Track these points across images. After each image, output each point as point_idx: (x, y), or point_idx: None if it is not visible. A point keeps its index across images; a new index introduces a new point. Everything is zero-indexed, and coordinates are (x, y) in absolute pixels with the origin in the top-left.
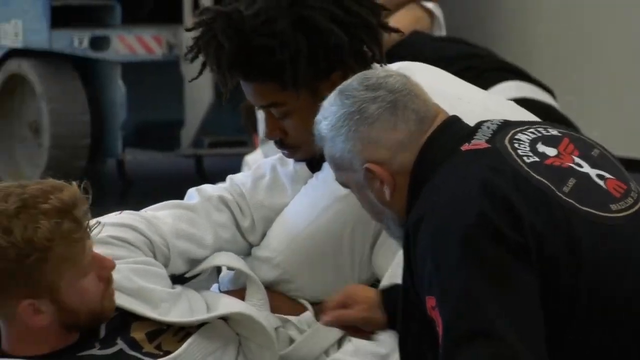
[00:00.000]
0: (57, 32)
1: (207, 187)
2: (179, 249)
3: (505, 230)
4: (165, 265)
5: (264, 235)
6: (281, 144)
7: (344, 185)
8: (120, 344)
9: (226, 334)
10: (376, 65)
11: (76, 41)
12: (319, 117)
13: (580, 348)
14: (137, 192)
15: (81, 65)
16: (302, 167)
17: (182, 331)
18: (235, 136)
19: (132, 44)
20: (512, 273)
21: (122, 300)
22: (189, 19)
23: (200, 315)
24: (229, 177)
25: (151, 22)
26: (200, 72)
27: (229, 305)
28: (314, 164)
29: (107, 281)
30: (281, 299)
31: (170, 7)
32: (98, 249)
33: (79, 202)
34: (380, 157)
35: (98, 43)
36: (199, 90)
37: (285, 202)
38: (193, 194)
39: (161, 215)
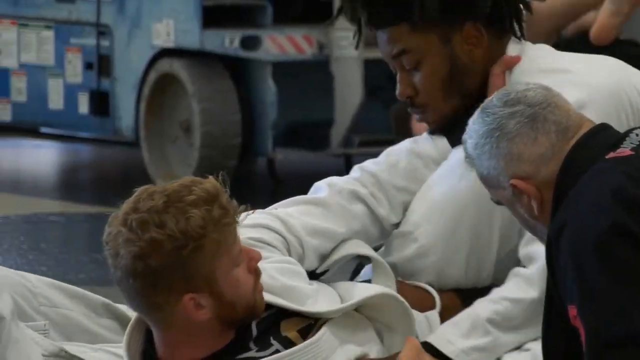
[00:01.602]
0: (208, 32)
1: (337, 180)
2: (313, 246)
3: None
4: (300, 263)
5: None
6: (412, 104)
7: (498, 202)
8: (276, 345)
9: (362, 322)
10: (515, 41)
11: (227, 41)
12: (464, 136)
13: None
14: (287, 191)
15: (232, 64)
16: (444, 143)
17: None
18: (385, 135)
19: (283, 43)
20: None
21: (269, 298)
22: (340, 18)
23: (345, 303)
24: (358, 166)
25: (302, 21)
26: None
27: (365, 290)
28: (449, 130)
29: (256, 273)
30: (409, 291)
31: (321, 6)
32: None
33: (221, 190)
34: (524, 172)
35: (249, 43)
36: (349, 89)
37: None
38: (321, 187)
39: (292, 211)
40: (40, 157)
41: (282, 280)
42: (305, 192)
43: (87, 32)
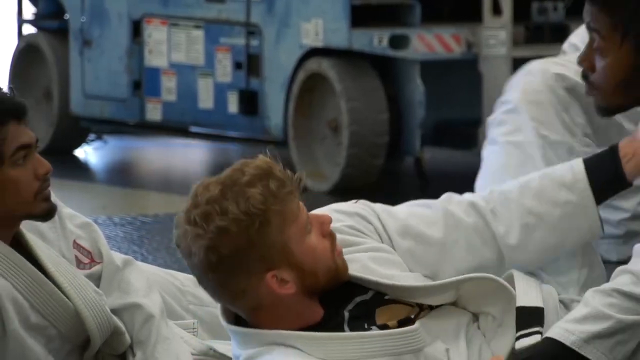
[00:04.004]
0: (357, 31)
1: (466, 194)
2: (403, 248)
3: None
4: None
5: (523, 239)
6: (585, 77)
7: None
8: (375, 329)
9: (460, 314)
10: None
11: (376, 40)
12: None
13: None
14: (434, 191)
15: (380, 63)
16: (579, 164)
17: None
18: None
19: (431, 42)
20: None
21: (365, 276)
22: (488, 17)
23: (447, 280)
24: (492, 189)
25: (450, 20)
26: None
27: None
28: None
29: (331, 237)
30: None
31: (469, 5)
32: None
33: (272, 164)
34: None
35: (397, 42)
36: (498, 88)
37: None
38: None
39: (398, 209)
40: (190, 156)
41: (378, 270)
42: (452, 191)
43: (236, 32)
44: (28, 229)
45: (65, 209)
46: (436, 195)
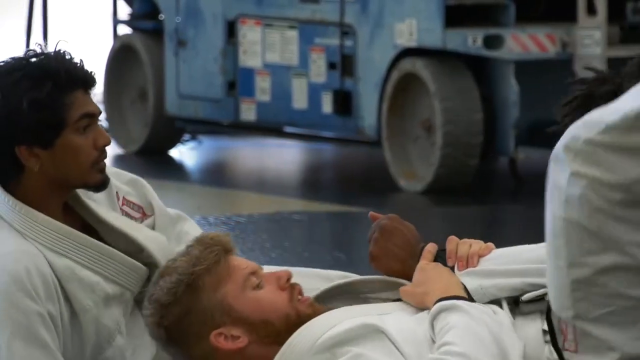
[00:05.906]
0: (451, 32)
1: None
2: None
3: None
4: None
5: None
6: None
7: None
8: None
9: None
10: None
11: (470, 40)
12: None
13: None
14: (529, 191)
15: (473, 63)
16: None
17: None
18: None
19: (525, 42)
20: None
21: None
22: (583, 17)
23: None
24: None
25: (545, 20)
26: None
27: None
28: None
29: (290, 289)
30: None
31: (564, 5)
32: None
33: (212, 235)
34: None
35: (492, 42)
36: None
37: None
38: None
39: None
40: (284, 156)
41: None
42: (545, 192)
43: (330, 32)
44: None
45: (110, 169)
46: (530, 196)
